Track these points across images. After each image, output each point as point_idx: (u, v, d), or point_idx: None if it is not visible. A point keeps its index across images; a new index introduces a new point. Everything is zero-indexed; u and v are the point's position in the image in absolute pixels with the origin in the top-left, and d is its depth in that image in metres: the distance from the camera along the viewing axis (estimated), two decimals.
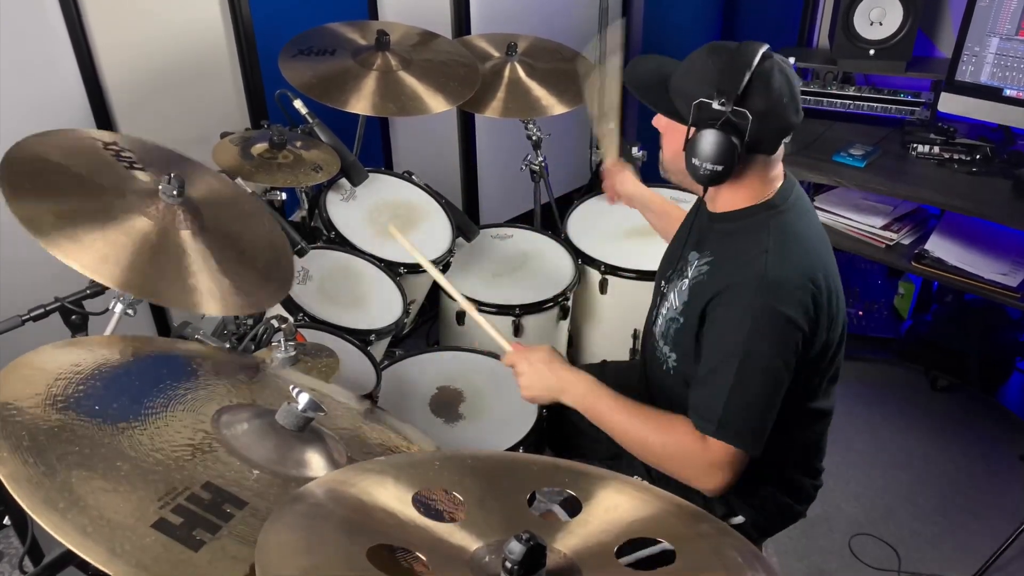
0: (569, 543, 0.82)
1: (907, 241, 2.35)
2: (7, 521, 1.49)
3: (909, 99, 2.52)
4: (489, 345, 1.99)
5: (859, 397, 2.67)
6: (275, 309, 1.81)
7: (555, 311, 2.18)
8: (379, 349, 1.95)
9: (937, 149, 2.35)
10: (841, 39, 2.50)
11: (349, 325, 1.83)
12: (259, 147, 1.87)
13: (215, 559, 0.79)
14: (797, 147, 2.43)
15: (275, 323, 1.40)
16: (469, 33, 2.82)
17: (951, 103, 2.31)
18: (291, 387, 1.01)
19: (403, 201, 2.26)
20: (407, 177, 2.31)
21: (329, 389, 1.30)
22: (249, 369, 1.23)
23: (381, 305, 1.96)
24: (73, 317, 1.44)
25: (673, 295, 1.45)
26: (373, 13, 2.62)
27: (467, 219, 2.31)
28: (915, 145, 2.37)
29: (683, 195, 2.22)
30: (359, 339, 1.80)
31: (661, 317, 1.48)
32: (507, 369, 1.91)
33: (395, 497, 0.85)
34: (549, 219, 2.68)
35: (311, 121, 2.00)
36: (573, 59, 2.49)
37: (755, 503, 1.47)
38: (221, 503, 0.86)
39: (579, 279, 2.25)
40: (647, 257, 2.16)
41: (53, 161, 1.29)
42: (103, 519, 0.78)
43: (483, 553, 0.78)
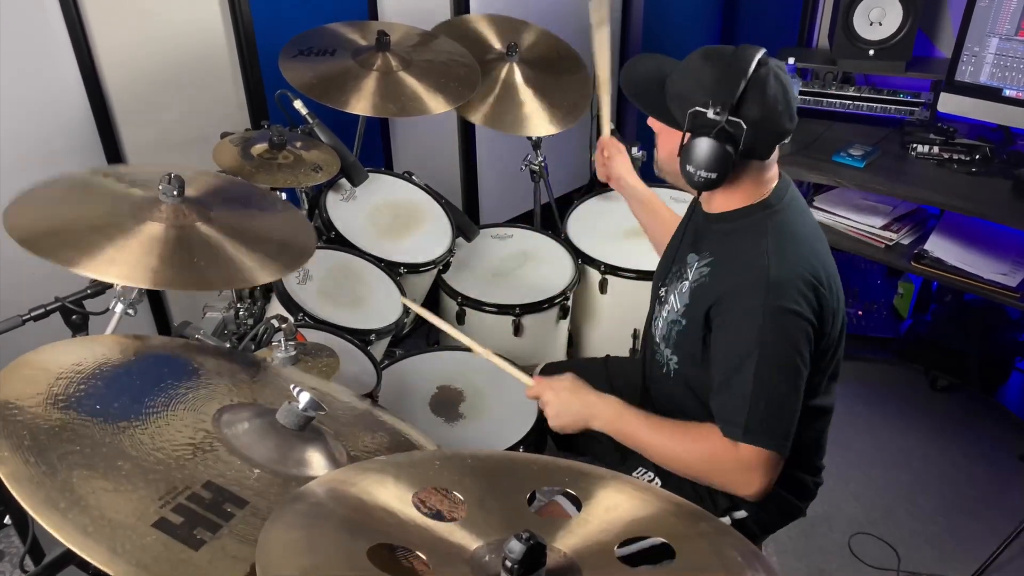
0: (569, 542, 0.82)
1: (907, 241, 2.35)
2: (8, 520, 1.50)
3: (909, 99, 2.53)
4: (489, 345, 2.00)
5: (859, 397, 2.67)
6: (275, 308, 1.81)
7: (555, 311, 2.19)
8: (379, 349, 1.95)
9: (937, 149, 2.35)
10: (841, 39, 2.50)
11: (349, 325, 1.83)
12: (259, 147, 1.87)
13: (216, 558, 0.79)
14: (797, 147, 2.43)
15: (275, 323, 1.40)
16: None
17: (951, 103, 2.31)
18: (292, 386, 1.02)
19: (403, 201, 2.26)
20: (407, 177, 2.31)
21: (329, 388, 1.30)
22: (250, 369, 1.23)
23: (381, 305, 1.96)
24: (74, 317, 1.44)
25: (673, 297, 1.45)
26: (373, 13, 2.62)
27: (467, 219, 2.31)
28: (915, 145, 2.37)
29: (682, 195, 2.22)
30: (359, 339, 1.80)
31: (661, 320, 1.48)
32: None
33: (395, 497, 0.85)
34: (549, 219, 2.68)
35: (311, 121, 2.00)
36: (575, 70, 2.47)
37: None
38: (222, 502, 0.86)
39: (579, 279, 2.25)
40: (647, 257, 2.16)
41: (57, 205, 1.34)
42: (104, 518, 0.78)
43: (483, 552, 0.78)
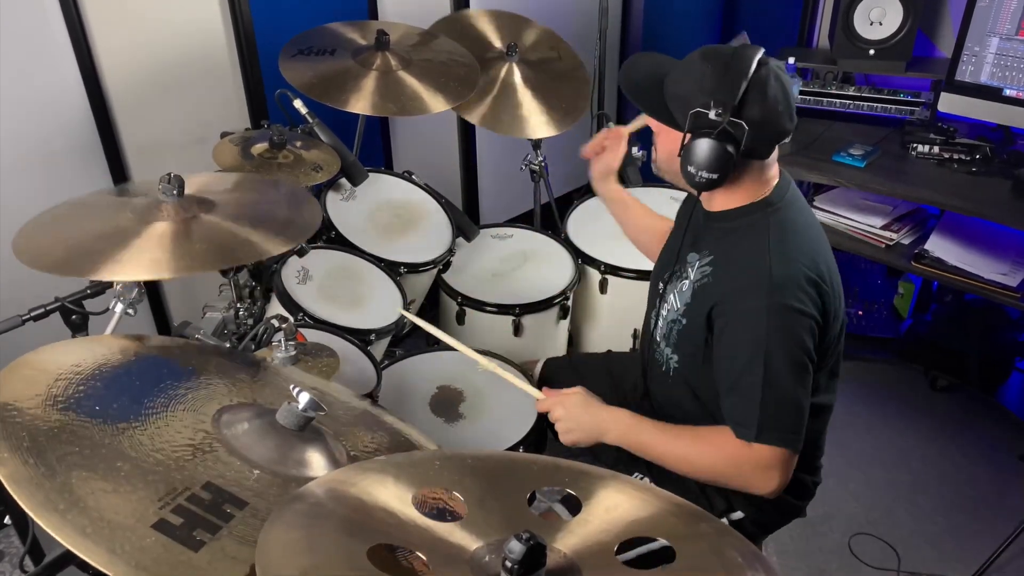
0: (569, 543, 0.82)
1: (907, 241, 2.35)
2: (8, 521, 1.49)
3: (909, 99, 2.52)
4: (489, 344, 2.00)
5: (859, 397, 2.67)
6: (275, 308, 1.81)
7: (555, 311, 2.18)
8: (379, 349, 1.95)
9: (937, 149, 2.35)
10: (841, 39, 2.50)
11: (349, 325, 1.83)
12: (259, 147, 1.87)
13: (215, 559, 0.79)
14: (797, 147, 2.43)
15: (275, 323, 1.40)
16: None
17: (951, 103, 2.31)
18: (291, 386, 1.01)
19: (403, 201, 2.26)
20: (407, 177, 2.31)
21: (329, 388, 1.30)
22: (250, 369, 1.23)
23: (381, 305, 1.96)
24: (73, 317, 1.44)
25: (673, 296, 1.45)
26: (373, 13, 2.62)
27: (467, 219, 2.31)
28: (915, 145, 2.37)
29: (681, 194, 2.21)
30: (359, 339, 1.80)
31: (661, 319, 1.48)
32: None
33: (395, 497, 0.85)
34: (549, 219, 2.68)
35: (311, 121, 2.00)
36: (574, 71, 2.47)
37: (754, 499, 1.48)
38: (221, 503, 0.86)
39: (579, 279, 2.25)
40: (647, 257, 2.16)
41: (63, 226, 1.38)
42: (103, 520, 0.78)
43: (483, 553, 0.78)
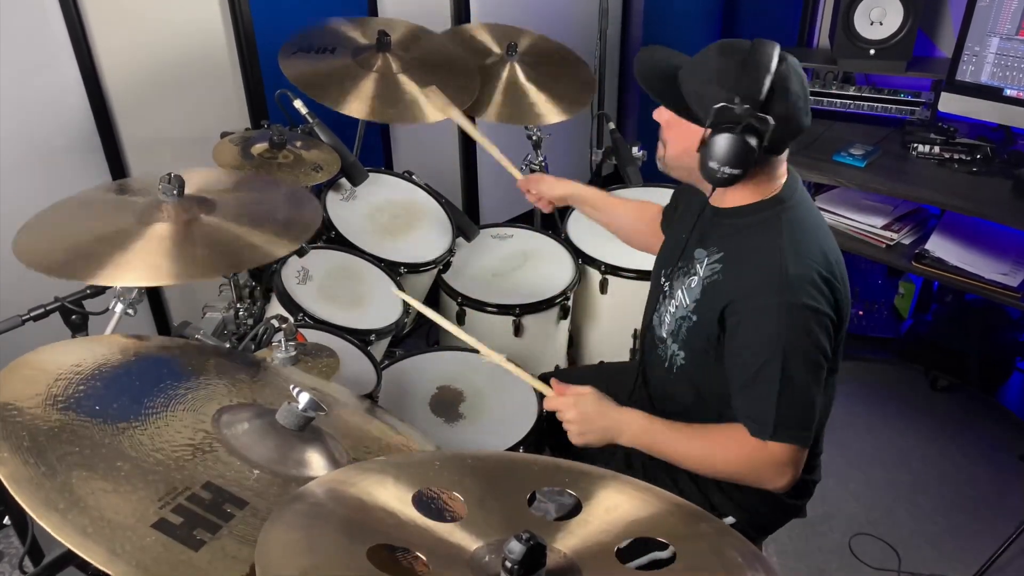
0: (569, 543, 0.82)
1: (907, 241, 2.35)
2: (7, 521, 1.50)
3: (909, 99, 2.52)
4: (489, 345, 2.00)
5: (859, 397, 2.67)
6: (275, 308, 1.81)
7: (555, 311, 2.18)
8: (379, 349, 1.95)
9: (937, 149, 2.35)
10: (841, 39, 2.50)
11: (349, 325, 1.83)
12: (259, 147, 1.87)
13: (215, 559, 0.79)
14: (797, 147, 2.41)
15: (275, 323, 1.40)
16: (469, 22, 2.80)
17: (951, 103, 2.31)
18: (291, 387, 1.01)
19: (403, 201, 2.26)
20: (407, 177, 2.31)
21: (330, 388, 1.30)
22: (250, 369, 1.23)
23: (381, 305, 1.96)
24: (73, 317, 1.44)
25: (681, 293, 1.43)
26: (373, 11, 2.62)
27: (467, 219, 2.31)
28: (915, 145, 2.37)
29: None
30: (359, 339, 1.80)
31: (668, 315, 1.47)
32: (507, 369, 1.92)
33: (395, 497, 0.85)
34: (549, 219, 2.67)
35: (311, 121, 2.00)
36: (574, 65, 2.48)
37: (746, 504, 1.47)
38: (221, 503, 0.86)
39: (579, 279, 2.25)
40: (647, 257, 2.15)
41: (62, 227, 1.37)
42: (103, 519, 0.78)
43: (483, 553, 0.78)
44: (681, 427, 1.39)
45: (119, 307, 1.44)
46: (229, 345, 1.72)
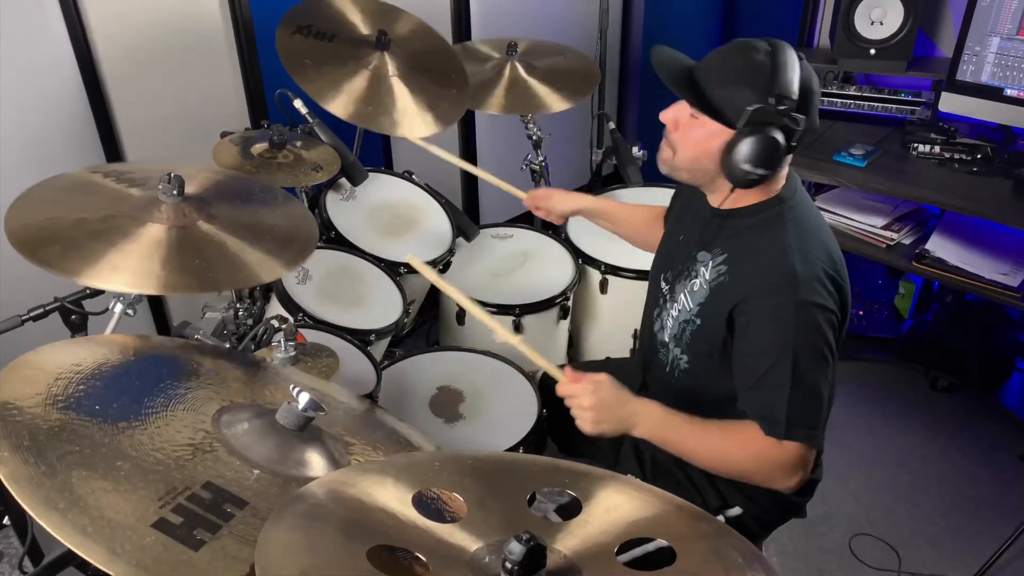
0: (569, 543, 0.82)
1: (908, 241, 2.35)
2: (7, 521, 1.49)
3: (910, 99, 2.52)
4: (489, 345, 2.00)
5: (859, 397, 2.67)
6: (275, 309, 1.81)
7: (555, 311, 2.18)
8: (379, 349, 1.95)
9: (938, 149, 2.35)
10: (842, 39, 2.50)
11: (349, 325, 1.83)
12: (259, 147, 1.87)
13: (215, 559, 0.79)
14: (798, 146, 2.43)
15: (275, 323, 1.40)
16: (470, 35, 2.82)
17: (952, 103, 2.31)
18: (291, 387, 1.01)
19: (403, 201, 2.25)
20: (407, 177, 2.31)
21: (329, 388, 1.30)
22: (250, 369, 1.23)
23: (381, 305, 1.96)
24: (73, 317, 1.44)
25: (683, 296, 1.43)
26: None
27: (467, 219, 2.31)
28: (916, 145, 2.37)
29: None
30: (359, 339, 1.80)
31: (671, 319, 1.46)
32: (507, 369, 1.92)
33: (395, 497, 0.85)
34: None
35: (311, 121, 2.00)
36: (574, 56, 2.50)
37: (752, 496, 1.48)
38: (221, 503, 0.86)
39: (579, 279, 2.25)
40: (647, 257, 2.16)
41: (54, 208, 1.32)
42: (103, 519, 0.78)
43: (483, 553, 0.78)
44: (697, 421, 1.35)
45: (119, 307, 1.44)
46: (229, 345, 1.72)
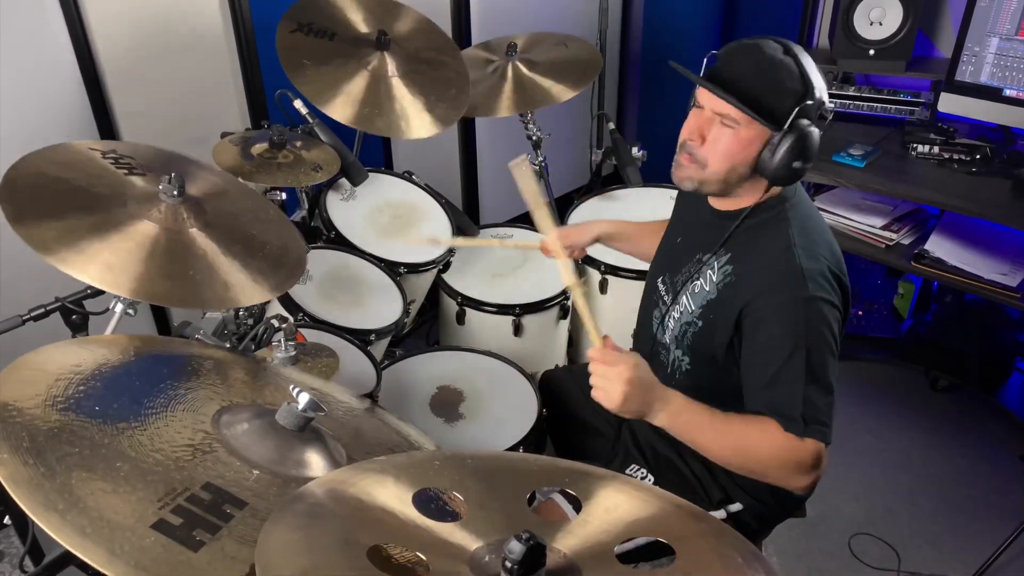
0: (569, 543, 0.82)
1: (907, 241, 2.35)
2: (8, 521, 1.49)
3: (909, 99, 2.52)
4: (489, 345, 2.00)
5: (859, 397, 2.67)
6: (275, 309, 1.81)
7: (555, 311, 2.18)
8: (379, 349, 1.95)
9: (937, 149, 2.35)
10: (841, 39, 2.50)
11: (349, 325, 1.83)
12: (259, 147, 1.87)
13: (215, 559, 0.79)
14: None
15: (275, 323, 1.40)
16: (470, 36, 2.82)
17: (951, 103, 2.31)
18: (291, 387, 1.01)
19: (403, 201, 2.26)
20: (407, 177, 2.31)
21: (329, 388, 1.30)
22: (250, 369, 1.23)
23: (381, 305, 1.96)
24: (73, 317, 1.44)
25: (686, 298, 1.43)
26: None
27: (467, 219, 2.32)
28: (915, 145, 2.37)
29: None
30: (359, 339, 1.80)
31: (673, 321, 1.46)
32: (507, 369, 1.92)
33: (395, 497, 0.85)
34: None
35: (311, 121, 2.00)
36: (574, 43, 2.51)
37: (754, 491, 1.47)
38: (221, 503, 0.86)
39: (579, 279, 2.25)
40: None
41: (51, 177, 1.30)
42: (103, 520, 0.78)
43: (483, 553, 0.78)
44: (718, 414, 1.29)
45: (119, 307, 1.44)
46: (229, 345, 1.72)
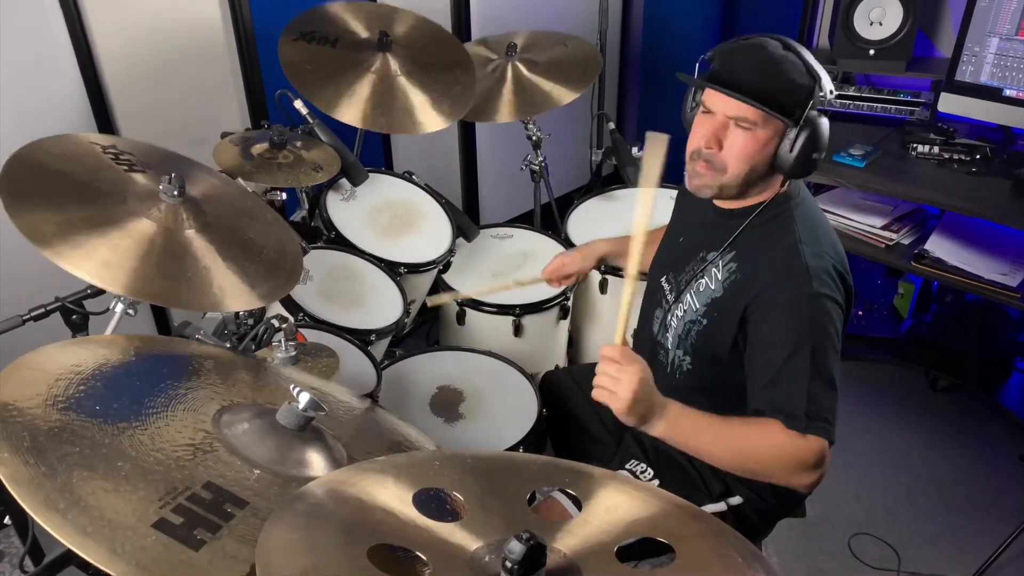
0: (569, 543, 0.82)
1: (907, 241, 2.35)
2: (8, 521, 1.49)
3: (909, 99, 2.52)
4: (489, 345, 2.00)
5: (859, 397, 2.67)
6: (275, 309, 1.81)
7: (555, 311, 2.18)
8: (379, 349, 1.95)
9: (937, 149, 2.35)
10: (841, 39, 2.50)
11: (349, 325, 1.83)
12: (259, 147, 1.87)
13: (216, 559, 0.79)
14: None
15: (275, 323, 1.40)
16: (470, 34, 2.82)
17: (951, 103, 2.31)
18: (292, 386, 1.02)
19: (403, 201, 2.26)
20: (407, 177, 2.31)
21: (329, 388, 1.30)
22: (250, 369, 1.23)
23: (381, 305, 1.96)
24: (74, 317, 1.44)
25: (690, 296, 1.43)
26: None
27: (467, 219, 2.31)
28: (915, 145, 2.37)
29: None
30: (359, 339, 1.80)
31: (675, 319, 1.46)
32: (507, 369, 1.92)
33: (395, 497, 0.85)
34: (549, 219, 2.68)
35: (311, 121, 2.00)
36: (574, 44, 2.50)
37: (755, 485, 1.47)
38: (222, 503, 0.86)
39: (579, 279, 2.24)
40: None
41: (52, 169, 1.29)
42: (104, 519, 0.78)
43: (483, 553, 0.78)
44: (716, 418, 1.29)
45: (119, 307, 1.44)
46: (229, 345, 1.72)
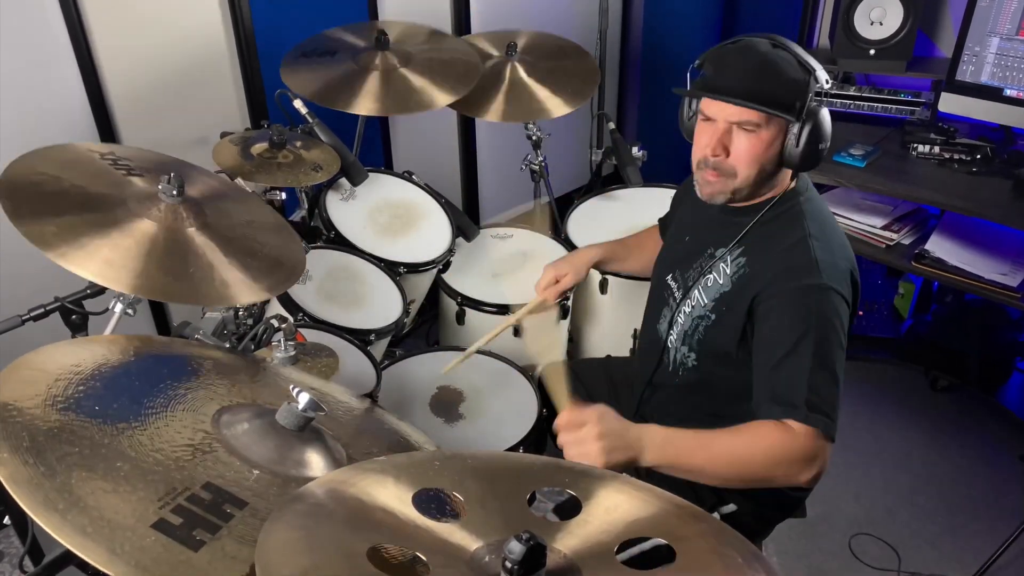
0: (569, 543, 0.82)
1: (907, 241, 2.35)
2: (7, 521, 1.49)
3: (909, 99, 2.52)
4: (489, 345, 2.00)
5: (859, 397, 2.67)
6: (275, 308, 1.81)
7: (555, 311, 2.18)
8: (379, 349, 1.95)
9: (937, 149, 2.35)
10: (841, 39, 2.50)
11: (349, 325, 1.83)
12: (259, 147, 1.87)
13: (215, 559, 0.79)
14: None
15: (275, 323, 1.40)
16: (469, 32, 2.82)
17: (951, 103, 2.31)
18: (291, 387, 1.01)
19: (403, 201, 2.25)
20: (407, 177, 2.31)
21: (329, 388, 1.30)
22: (250, 369, 1.23)
23: (381, 305, 1.96)
24: (73, 317, 1.44)
25: (697, 292, 1.44)
26: (373, 14, 2.62)
27: (467, 219, 2.31)
28: (915, 145, 2.37)
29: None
30: (359, 339, 1.80)
31: (683, 316, 1.47)
32: (507, 369, 1.92)
33: (395, 497, 0.85)
34: (549, 219, 2.67)
35: (311, 121, 2.00)
36: (575, 55, 2.50)
37: (749, 492, 1.46)
38: (221, 503, 0.86)
39: None
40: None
41: (52, 176, 1.31)
42: (103, 519, 0.78)
43: (483, 553, 0.78)
44: (703, 433, 1.26)
45: (119, 307, 1.44)
46: (229, 345, 1.72)
